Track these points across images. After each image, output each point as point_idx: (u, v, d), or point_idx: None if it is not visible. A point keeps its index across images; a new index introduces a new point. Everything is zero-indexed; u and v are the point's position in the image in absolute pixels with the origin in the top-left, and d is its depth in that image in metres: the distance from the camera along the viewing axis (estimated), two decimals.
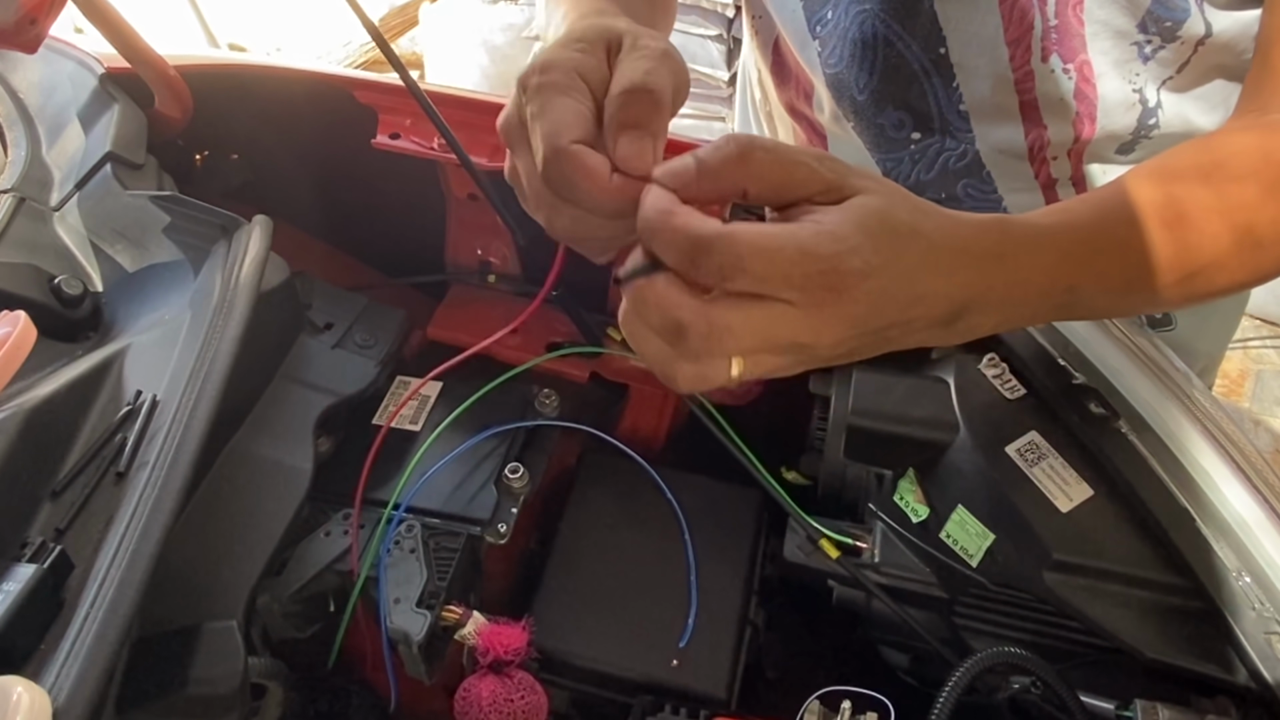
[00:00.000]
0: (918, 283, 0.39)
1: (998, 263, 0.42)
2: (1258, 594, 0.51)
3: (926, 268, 0.39)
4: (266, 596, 0.58)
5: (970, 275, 0.41)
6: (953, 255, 0.40)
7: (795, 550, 0.64)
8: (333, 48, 2.72)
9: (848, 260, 0.36)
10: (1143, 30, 0.63)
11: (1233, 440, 0.56)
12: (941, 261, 0.40)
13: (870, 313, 0.38)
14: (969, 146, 0.74)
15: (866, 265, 0.36)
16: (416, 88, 0.56)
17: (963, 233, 0.41)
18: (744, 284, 0.36)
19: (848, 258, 0.36)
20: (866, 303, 0.37)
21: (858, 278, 0.36)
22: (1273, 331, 2.20)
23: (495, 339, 0.66)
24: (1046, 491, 0.56)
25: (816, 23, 0.72)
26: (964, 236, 0.41)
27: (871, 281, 0.37)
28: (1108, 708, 0.53)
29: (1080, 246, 0.44)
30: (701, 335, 0.36)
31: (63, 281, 0.62)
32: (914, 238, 0.38)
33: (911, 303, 0.39)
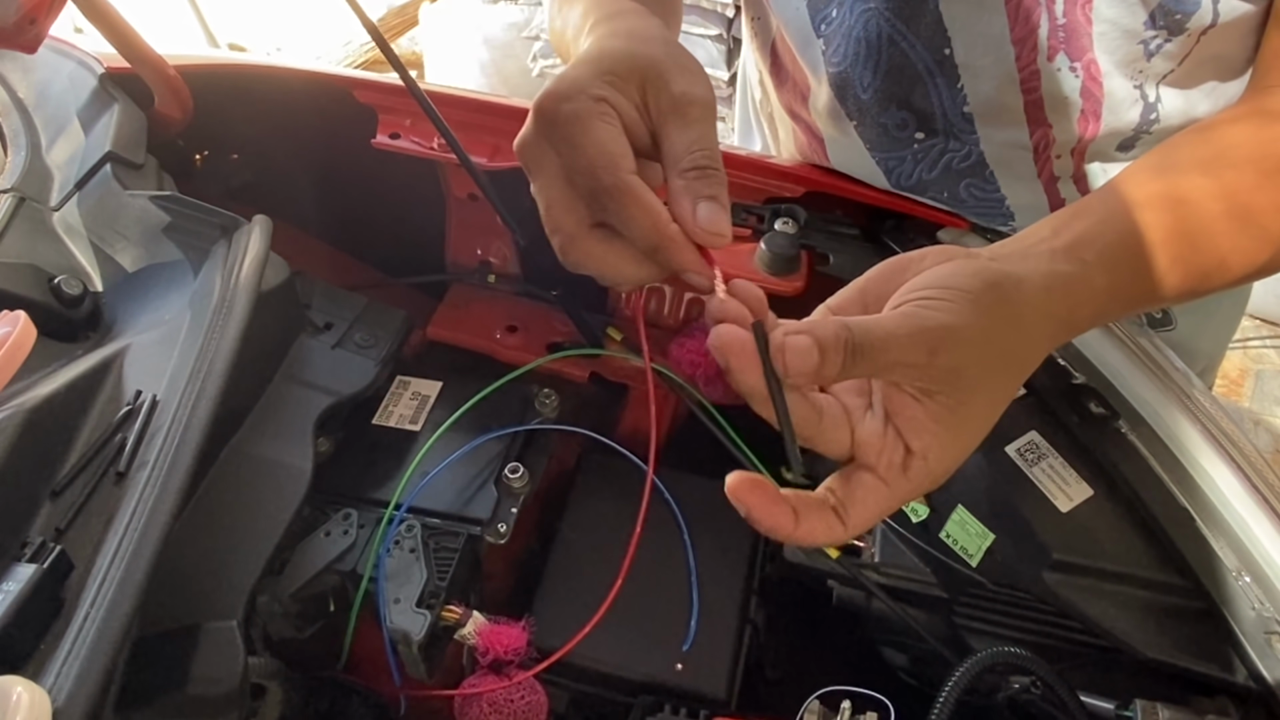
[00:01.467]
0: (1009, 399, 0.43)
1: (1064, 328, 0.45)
2: (1258, 594, 0.51)
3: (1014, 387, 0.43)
4: (266, 596, 0.58)
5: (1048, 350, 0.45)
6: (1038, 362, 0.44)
7: (795, 550, 0.64)
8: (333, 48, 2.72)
9: (947, 475, 0.41)
10: (1150, 26, 0.63)
11: (1233, 440, 0.56)
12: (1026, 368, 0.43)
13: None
14: (973, 147, 0.73)
15: (963, 459, 0.41)
16: (416, 88, 0.56)
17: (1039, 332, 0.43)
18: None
19: (947, 473, 0.41)
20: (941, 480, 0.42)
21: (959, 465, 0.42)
22: (1273, 331, 2.20)
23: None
24: (1046, 491, 0.56)
25: (821, 21, 0.72)
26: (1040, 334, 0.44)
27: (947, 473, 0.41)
28: (1108, 708, 0.53)
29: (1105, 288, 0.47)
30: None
31: (62, 281, 0.62)
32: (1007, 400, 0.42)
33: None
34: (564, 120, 0.40)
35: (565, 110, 0.40)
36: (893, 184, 0.79)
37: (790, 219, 0.68)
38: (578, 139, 0.40)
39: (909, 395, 0.40)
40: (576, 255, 0.42)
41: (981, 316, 0.39)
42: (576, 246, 0.42)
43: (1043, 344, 0.44)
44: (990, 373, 0.40)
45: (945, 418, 0.39)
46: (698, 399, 0.72)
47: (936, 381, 0.39)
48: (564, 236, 0.42)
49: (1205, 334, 0.89)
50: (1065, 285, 0.44)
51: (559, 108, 0.40)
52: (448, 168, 0.79)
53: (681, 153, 0.41)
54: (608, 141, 0.40)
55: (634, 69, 0.42)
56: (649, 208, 0.39)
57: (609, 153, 0.39)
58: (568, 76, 0.41)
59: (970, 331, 0.39)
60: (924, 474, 0.40)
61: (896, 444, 0.40)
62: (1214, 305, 0.87)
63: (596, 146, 0.39)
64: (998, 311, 0.40)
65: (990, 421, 0.41)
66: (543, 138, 0.41)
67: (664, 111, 0.41)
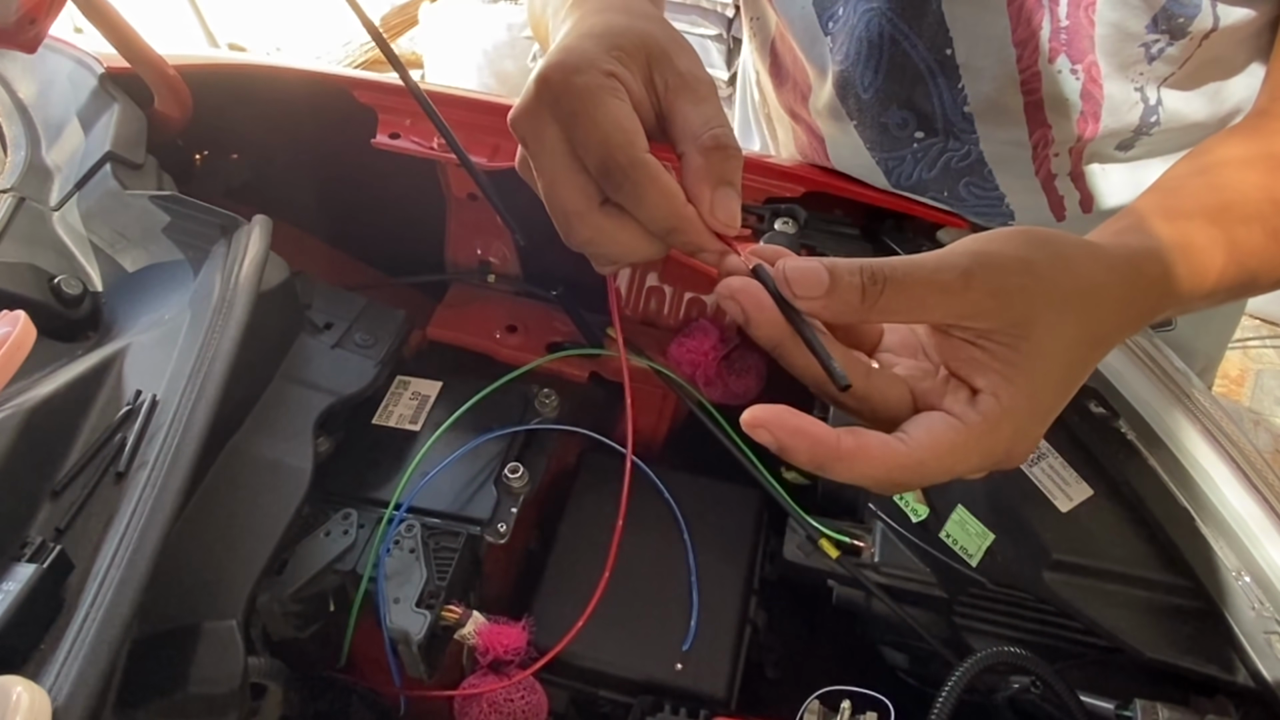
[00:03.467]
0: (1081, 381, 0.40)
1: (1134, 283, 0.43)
2: (1258, 594, 0.51)
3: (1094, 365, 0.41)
4: (266, 596, 0.58)
5: (1128, 333, 0.44)
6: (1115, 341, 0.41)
7: (795, 550, 0.64)
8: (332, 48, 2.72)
9: (1019, 448, 0.38)
10: (1152, 29, 0.63)
11: (1233, 440, 0.56)
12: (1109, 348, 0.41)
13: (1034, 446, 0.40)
14: (972, 147, 0.74)
15: (1035, 439, 0.39)
16: (416, 88, 0.56)
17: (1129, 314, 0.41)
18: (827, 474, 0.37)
19: (1019, 446, 0.38)
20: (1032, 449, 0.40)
21: (1028, 452, 0.39)
22: (1273, 331, 2.20)
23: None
24: (1046, 491, 0.56)
25: (829, 19, 0.72)
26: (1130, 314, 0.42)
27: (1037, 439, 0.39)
28: (1108, 707, 0.53)
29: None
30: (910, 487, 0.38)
31: (62, 281, 0.62)
32: (1083, 371, 0.39)
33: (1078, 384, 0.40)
34: (575, 93, 0.38)
35: (576, 83, 0.38)
36: (892, 183, 0.79)
37: (790, 219, 0.68)
38: (590, 114, 0.38)
39: (962, 340, 0.37)
40: (585, 233, 0.40)
41: (1018, 247, 0.37)
42: (586, 223, 0.40)
43: (1109, 296, 0.40)
44: (1046, 306, 0.37)
45: (1008, 356, 0.36)
46: (698, 399, 0.72)
47: (983, 313, 0.36)
48: (572, 214, 0.40)
49: (1205, 334, 0.89)
50: (1116, 245, 0.42)
51: (569, 80, 0.38)
52: (448, 168, 0.79)
53: (699, 128, 0.39)
54: (622, 118, 0.38)
55: (640, 45, 0.40)
56: (666, 189, 0.38)
57: (624, 129, 0.38)
58: (575, 49, 0.39)
59: (1005, 259, 0.37)
60: (999, 414, 0.36)
61: (960, 387, 0.37)
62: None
63: (611, 123, 0.38)
64: (1038, 247, 0.38)
65: (1066, 369, 0.38)
66: (545, 110, 0.39)
67: (673, 88, 0.40)
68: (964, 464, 0.37)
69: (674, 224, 0.38)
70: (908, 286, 0.36)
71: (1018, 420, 0.37)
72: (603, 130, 0.38)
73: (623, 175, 0.38)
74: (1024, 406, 0.37)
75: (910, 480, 0.36)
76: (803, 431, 0.35)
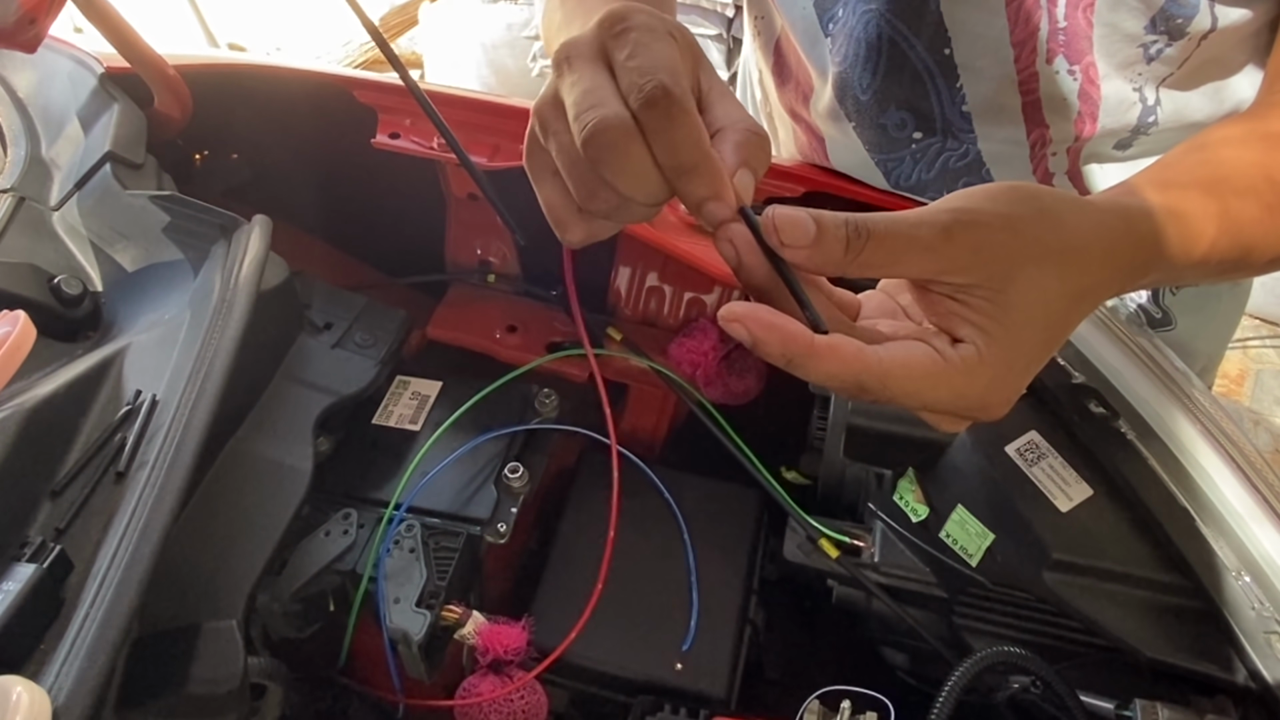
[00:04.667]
0: (1064, 337, 0.40)
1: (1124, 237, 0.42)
2: (1258, 594, 0.51)
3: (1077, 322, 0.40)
4: (266, 596, 0.58)
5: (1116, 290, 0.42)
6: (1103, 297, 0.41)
7: (795, 550, 0.64)
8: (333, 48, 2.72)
9: (997, 396, 0.38)
10: (1151, 30, 0.63)
11: (1232, 440, 0.56)
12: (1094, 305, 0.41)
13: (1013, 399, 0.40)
14: (970, 146, 0.74)
15: (1017, 390, 0.39)
16: (416, 88, 0.56)
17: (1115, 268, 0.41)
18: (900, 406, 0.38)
19: (998, 394, 0.38)
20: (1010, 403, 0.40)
21: (1007, 403, 0.39)
22: (1273, 331, 2.20)
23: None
24: (1046, 491, 0.56)
25: (829, 20, 0.72)
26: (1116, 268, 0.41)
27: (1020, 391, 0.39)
28: (1108, 707, 0.53)
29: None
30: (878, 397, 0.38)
31: (62, 281, 0.62)
32: (1066, 325, 0.39)
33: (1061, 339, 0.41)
34: (640, 25, 0.39)
35: (643, 19, 0.39)
36: (891, 184, 0.79)
37: None
38: (649, 41, 0.38)
39: (942, 295, 0.38)
40: (611, 135, 0.38)
41: (1002, 204, 0.38)
42: (617, 125, 0.38)
43: (1095, 250, 0.40)
44: (1027, 261, 0.37)
45: (987, 309, 0.37)
46: (698, 399, 0.72)
47: (962, 269, 0.37)
48: (608, 112, 0.38)
49: (1205, 334, 0.89)
50: (1107, 202, 0.42)
51: (636, 14, 0.39)
52: (448, 168, 0.79)
53: (738, 120, 0.40)
54: (676, 56, 0.39)
55: (694, 44, 0.41)
56: (698, 125, 0.38)
57: (675, 62, 0.38)
58: (631, 5, 0.40)
59: (988, 215, 0.37)
60: (976, 362, 0.37)
61: (941, 334, 0.38)
62: (1214, 305, 0.87)
63: (667, 53, 0.38)
64: (1021, 202, 0.38)
65: (1047, 323, 0.38)
66: (602, 37, 0.39)
67: (716, 88, 0.41)
68: (933, 394, 0.37)
69: (697, 159, 0.38)
70: (889, 241, 0.36)
71: (995, 371, 0.37)
72: (659, 57, 0.38)
73: (668, 101, 0.37)
74: (1002, 359, 0.37)
75: (875, 389, 0.36)
76: (777, 326, 0.36)
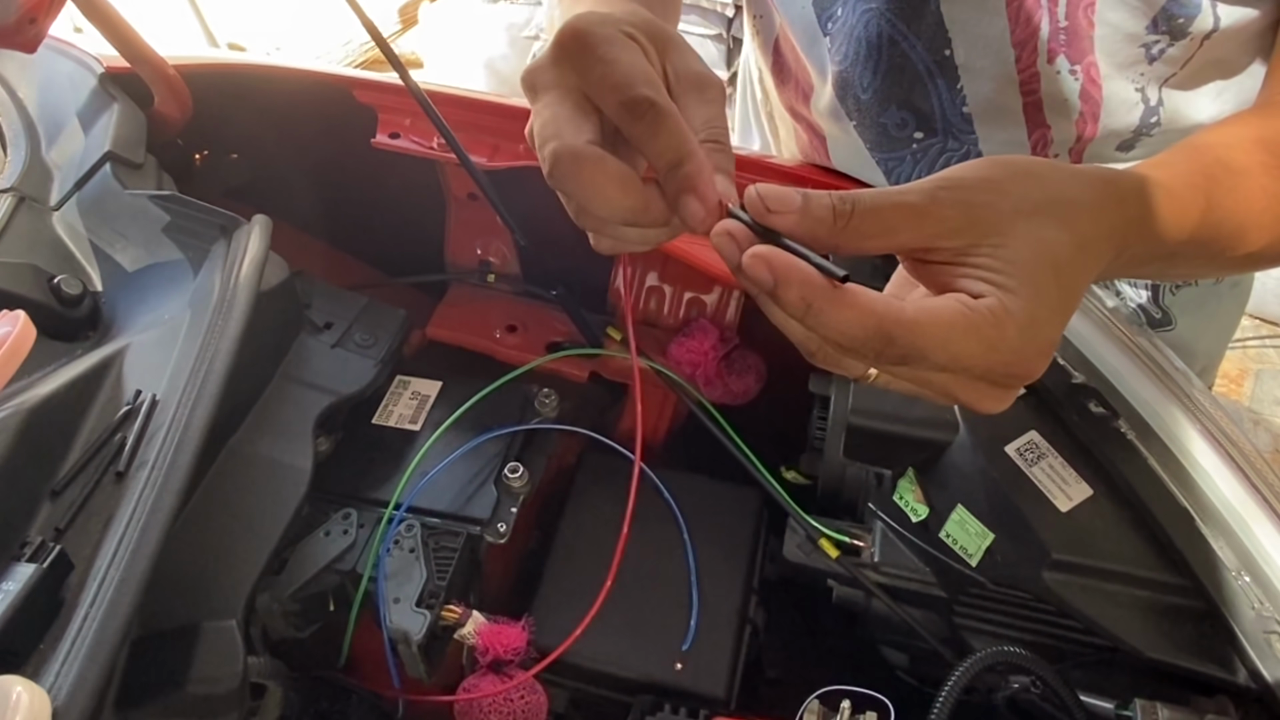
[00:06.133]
0: (1080, 289, 0.39)
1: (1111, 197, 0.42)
2: (1257, 594, 0.51)
3: (1083, 291, 0.39)
4: (266, 596, 0.58)
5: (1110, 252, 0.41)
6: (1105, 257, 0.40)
7: (795, 550, 0.64)
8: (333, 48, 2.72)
9: (1030, 349, 0.36)
10: (1153, 30, 0.63)
11: (1232, 440, 0.56)
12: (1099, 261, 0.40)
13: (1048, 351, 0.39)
14: (971, 147, 0.74)
15: (1049, 341, 0.37)
16: (416, 87, 0.56)
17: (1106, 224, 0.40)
18: (923, 368, 0.36)
19: (1030, 346, 0.36)
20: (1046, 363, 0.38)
21: (1041, 355, 0.37)
22: (1272, 331, 2.20)
23: None
24: (1046, 491, 0.56)
25: (828, 20, 0.72)
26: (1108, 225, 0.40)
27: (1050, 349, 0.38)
28: (1107, 707, 0.53)
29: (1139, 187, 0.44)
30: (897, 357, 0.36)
31: (62, 281, 0.62)
32: (1078, 276, 0.38)
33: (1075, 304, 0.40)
34: (598, 40, 0.39)
35: (599, 32, 0.39)
36: (892, 183, 0.79)
37: None
38: (613, 56, 0.39)
39: (943, 264, 0.37)
40: (566, 167, 0.39)
41: (982, 169, 0.38)
42: (569, 157, 0.39)
43: (1084, 203, 0.39)
44: (1017, 215, 0.37)
45: (994, 265, 0.36)
46: (698, 399, 0.72)
47: (955, 231, 0.36)
48: (560, 145, 0.39)
49: (1205, 334, 0.89)
50: (1089, 167, 0.42)
51: (591, 30, 0.39)
52: (448, 168, 0.79)
53: (700, 125, 0.40)
54: (642, 63, 0.39)
55: (653, 31, 0.41)
56: (679, 124, 0.38)
57: (644, 70, 0.39)
58: (591, 14, 0.40)
59: (970, 179, 0.37)
60: (1002, 313, 0.35)
61: (959, 294, 0.37)
62: (1214, 305, 0.87)
63: (633, 63, 0.39)
64: (1001, 166, 0.38)
65: (1058, 269, 0.37)
66: (564, 59, 0.40)
67: (685, 83, 0.41)
68: (964, 344, 0.35)
69: (684, 154, 0.38)
70: (877, 208, 0.36)
71: (1021, 320, 0.36)
72: (625, 68, 0.38)
73: (640, 109, 0.38)
74: (1025, 308, 0.36)
75: (902, 340, 0.35)
76: (799, 268, 0.35)
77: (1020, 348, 0.36)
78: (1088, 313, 0.62)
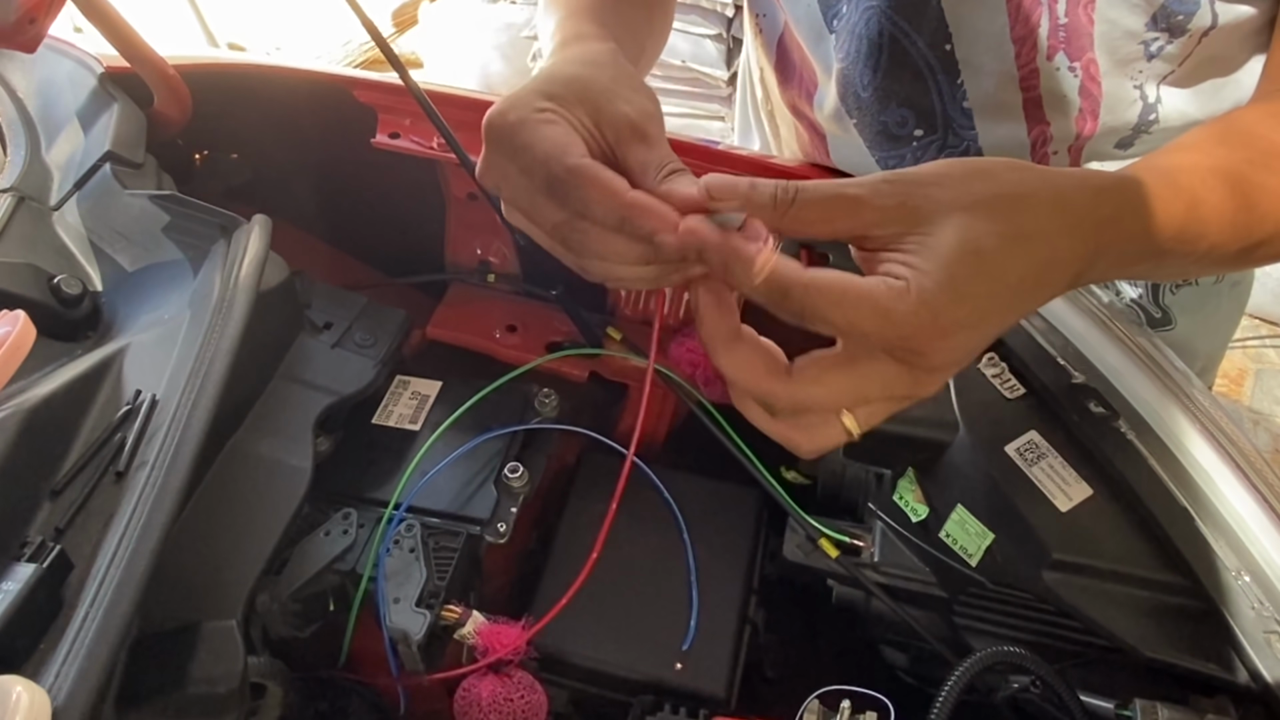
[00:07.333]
0: (1017, 302, 0.39)
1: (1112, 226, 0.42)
2: (1257, 594, 0.51)
3: (1026, 286, 0.39)
4: (266, 596, 0.58)
5: (1081, 248, 0.41)
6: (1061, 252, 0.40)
7: (795, 549, 0.64)
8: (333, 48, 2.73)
9: (927, 325, 0.37)
10: (1152, 27, 0.64)
11: (1232, 440, 0.56)
12: (1046, 270, 0.40)
13: (967, 350, 0.39)
14: (971, 144, 0.74)
15: (952, 322, 0.37)
16: (416, 87, 0.56)
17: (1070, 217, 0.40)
18: (825, 329, 0.37)
19: (927, 322, 0.37)
20: (961, 349, 0.38)
21: (941, 336, 0.37)
22: (1272, 331, 2.20)
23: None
24: (1046, 491, 0.56)
25: (833, 16, 0.72)
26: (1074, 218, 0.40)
27: (960, 335, 0.38)
28: (1107, 707, 0.53)
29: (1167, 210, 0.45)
30: (789, 407, 0.39)
31: (62, 281, 0.62)
32: (1006, 266, 0.38)
33: (1014, 312, 0.40)
34: (510, 129, 0.42)
35: (511, 119, 0.42)
36: None
37: None
38: (525, 140, 0.41)
39: (874, 251, 0.39)
40: (565, 243, 0.42)
41: (936, 166, 0.39)
42: (568, 234, 0.42)
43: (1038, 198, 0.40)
44: (954, 208, 0.38)
45: (914, 248, 0.37)
46: (698, 399, 0.72)
47: (890, 220, 0.38)
48: (552, 234, 0.42)
49: (1205, 334, 0.89)
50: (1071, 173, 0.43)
51: (504, 119, 0.42)
52: (448, 167, 0.79)
53: (653, 168, 0.42)
54: (554, 136, 0.41)
55: (581, 92, 0.43)
56: (607, 184, 0.40)
57: (558, 144, 0.41)
58: (510, 97, 0.43)
59: (919, 174, 0.39)
60: (903, 289, 0.36)
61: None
62: (1214, 305, 0.87)
63: (545, 142, 0.41)
64: (956, 164, 0.39)
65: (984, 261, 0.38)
66: (499, 154, 0.43)
67: (623, 133, 0.43)
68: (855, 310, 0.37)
69: (623, 213, 0.40)
70: (819, 197, 0.38)
71: (921, 298, 0.36)
72: (538, 150, 0.41)
73: (563, 185, 0.40)
74: (929, 288, 0.37)
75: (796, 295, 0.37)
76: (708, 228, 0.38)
77: (915, 322, 0.37)
78: (1087, 312, 0.62)
